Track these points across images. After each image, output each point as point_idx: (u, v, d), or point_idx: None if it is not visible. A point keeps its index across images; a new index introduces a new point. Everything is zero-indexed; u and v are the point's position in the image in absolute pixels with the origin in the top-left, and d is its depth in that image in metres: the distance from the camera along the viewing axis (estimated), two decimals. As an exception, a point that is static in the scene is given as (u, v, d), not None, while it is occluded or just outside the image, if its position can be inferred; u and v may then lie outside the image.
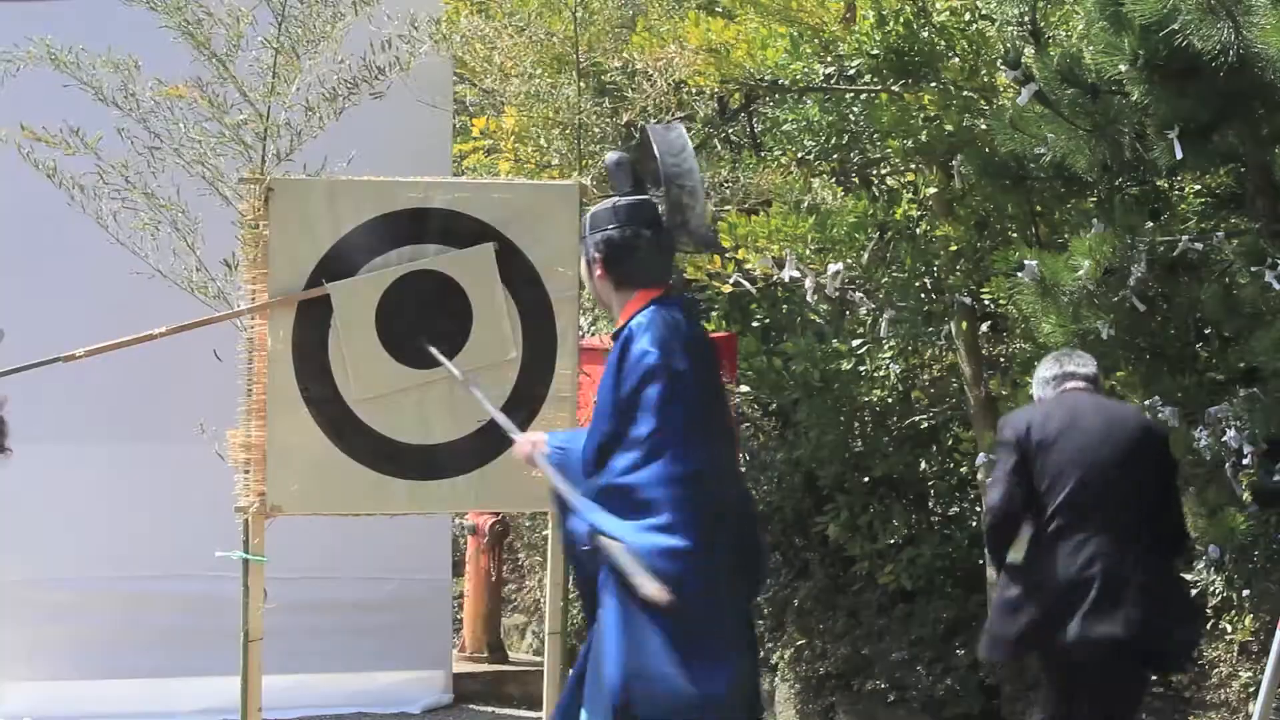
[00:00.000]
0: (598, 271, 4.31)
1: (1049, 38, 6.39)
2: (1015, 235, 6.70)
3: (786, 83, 7.05)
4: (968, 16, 6.74)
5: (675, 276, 7.43)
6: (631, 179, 4.30)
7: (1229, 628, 6.64)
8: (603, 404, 4.21)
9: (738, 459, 4.30)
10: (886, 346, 7.53)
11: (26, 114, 5.72)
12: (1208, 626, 6.67)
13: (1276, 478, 5.39)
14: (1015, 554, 5.36)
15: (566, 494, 4.20)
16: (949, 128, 6.67)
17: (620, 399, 4.12)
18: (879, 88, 6.89)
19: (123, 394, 7.03)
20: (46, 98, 5.63)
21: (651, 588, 3.85)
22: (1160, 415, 6.00)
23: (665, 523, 3.96)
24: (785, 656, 7.93)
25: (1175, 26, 5.22)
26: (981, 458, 7.02)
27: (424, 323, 5.33)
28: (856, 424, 7.89)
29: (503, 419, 4.84)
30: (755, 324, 8.06)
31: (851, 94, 7.08)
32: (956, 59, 6.69)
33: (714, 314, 7.97)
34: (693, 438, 4.02)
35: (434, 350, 5.25)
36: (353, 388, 5.33)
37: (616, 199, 4.31)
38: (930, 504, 8.12)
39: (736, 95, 7.84)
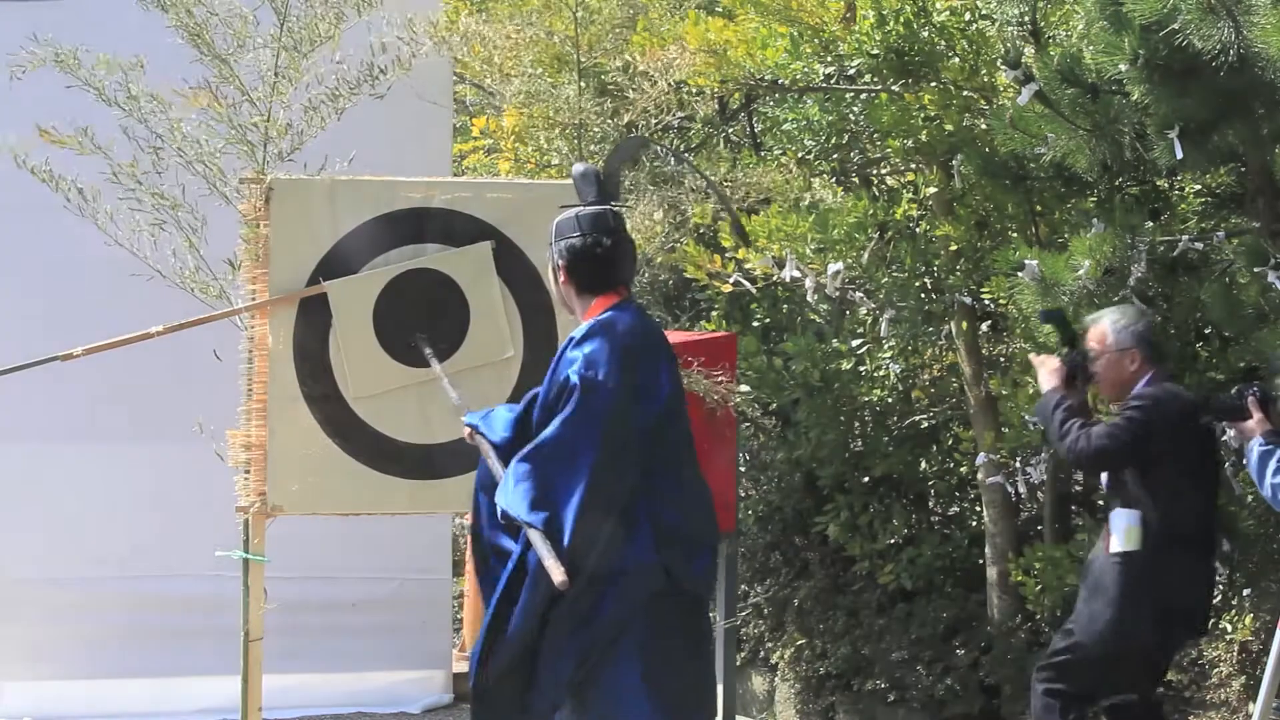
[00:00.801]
0: (561, 277, 4.53)
1: (1049, 37, 6.40)
2: (1015, 235, 6.68)
3: (786, 82, 7.03)
4: (968, 16, 6.72)
5: (676, 278, 7.50)
6: (596, 189, 4.51)
7: (1229, 628, 6.64)
8: (542, 395, 4.46)
9: (682, 465, 4.44)
10: (886, 346, 7.52)
11: (30, 116, 5.71)
12: (1208, 626, 6.68)
13: (1234, 391, 5.39)
14: (1130, 543, 5.40)
15: (499, 474, 4.40)
16: (949, 127, 6.66)
17: (548, 400, 4.38)
18: (879, 87, 6.88)
19: (123, 394, 7.02)
20: (50, 99, 5.63)
21: (556, 572, 4.04)
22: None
23: (529, 496, 4.21)
24: (785, 656, 7.91)
25: (1175, 26, 5.21)
26: (982, 457, 7.03)
27: (421, 321, 5.33)
28: (856, 424, 7.87)
29: (454, 396, 5.00)
30: (755, 324, 8.04)
31: (851, 94, 7.07)
32: (956, 59, 6.68)
33: (714, 314, 7.96)
34: (588, 445, 4.23)
35: (420, 343, 5.28)
36: (350, 386, 5.33)
37: (580, 208, 4.51)
38: (930, 504, 8.11)
39: (736, 95, 7.83)
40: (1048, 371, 5.63)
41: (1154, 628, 5.42)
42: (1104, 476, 5.64)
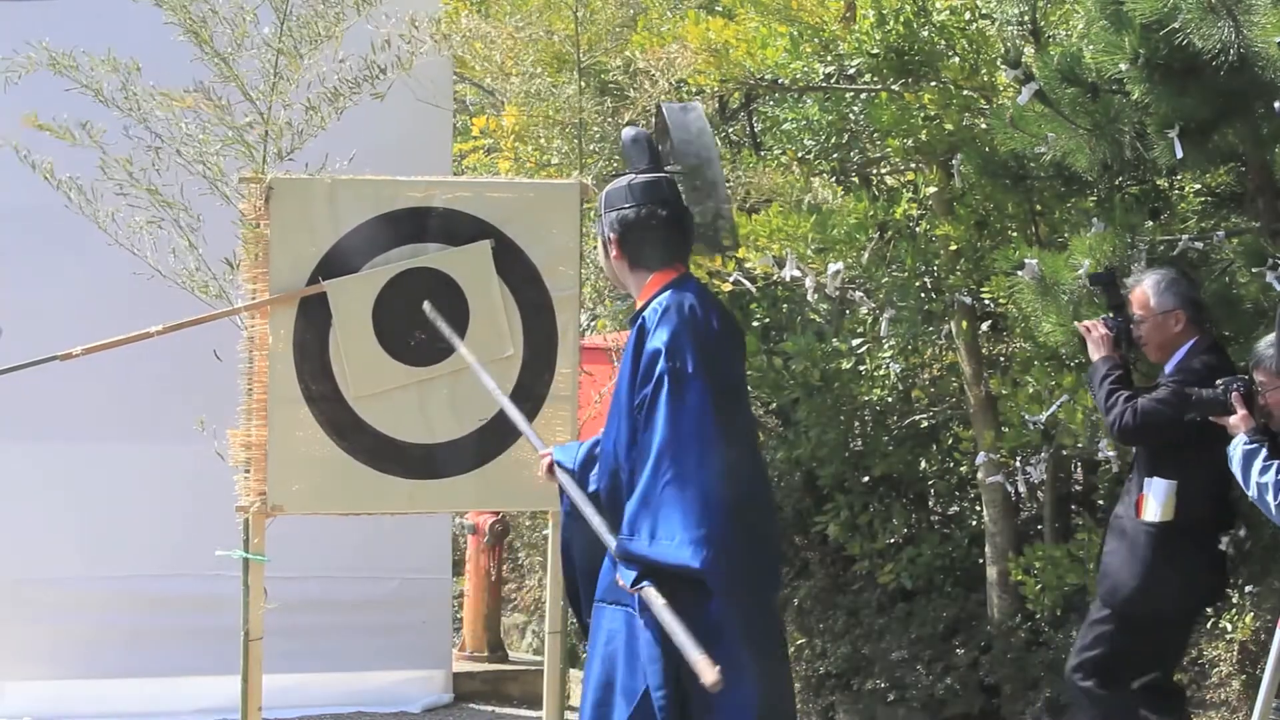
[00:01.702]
0: (613, 252, 4.20)
1: (1049, 36, 6.41)
2: (1015, 234, 6.67)
3: (786, 82, 7.02)
4: (968, 15, 6.70)
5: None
6: (648, 155, 4.19)
7: (1229, 627, 6.62)
8: (619, 398, 4.16)
9: (755, 450, 4.22)
10: (886, 345, 7.50)
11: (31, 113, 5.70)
12: (1208, 625, 6.68)
13: (1218, 386, 5.21)
14: (1165, 513, 5.35)
15: (602, 534, 4.06)
16: (949, 127, 6.64)
17: (634, 400, 4.06)
18: (879, 87, 6.86)
19: (123, 393, 7.01)
20: (50, 98, 5.63)
21: (708, 673, 3.59)
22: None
23: (685, 536, 3.89)
24: (785, 655, 7.91)
25: (1176, 25, 5.20)
26: (981, 456, 7.01)
27: (421, 320, 5.32)
28: (856, 423, 7.85)
29: (528, 430, 4.69)
30: (755, 323, 8.02)
31: (851, 93, 7.06)
32: (956, 58, 6.66)
33: None
34: (702, 441, 3.94)
35: (433, 317, 5.24)
36: (350, 385, 5.33)
37: (632, 176, 4.19)
38: (930, 503, 8.09)
39: (736, 94, 7.82)
40: (1096, 338, 5.52)
41: (1177, 596, 5.44)
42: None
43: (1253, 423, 5.17)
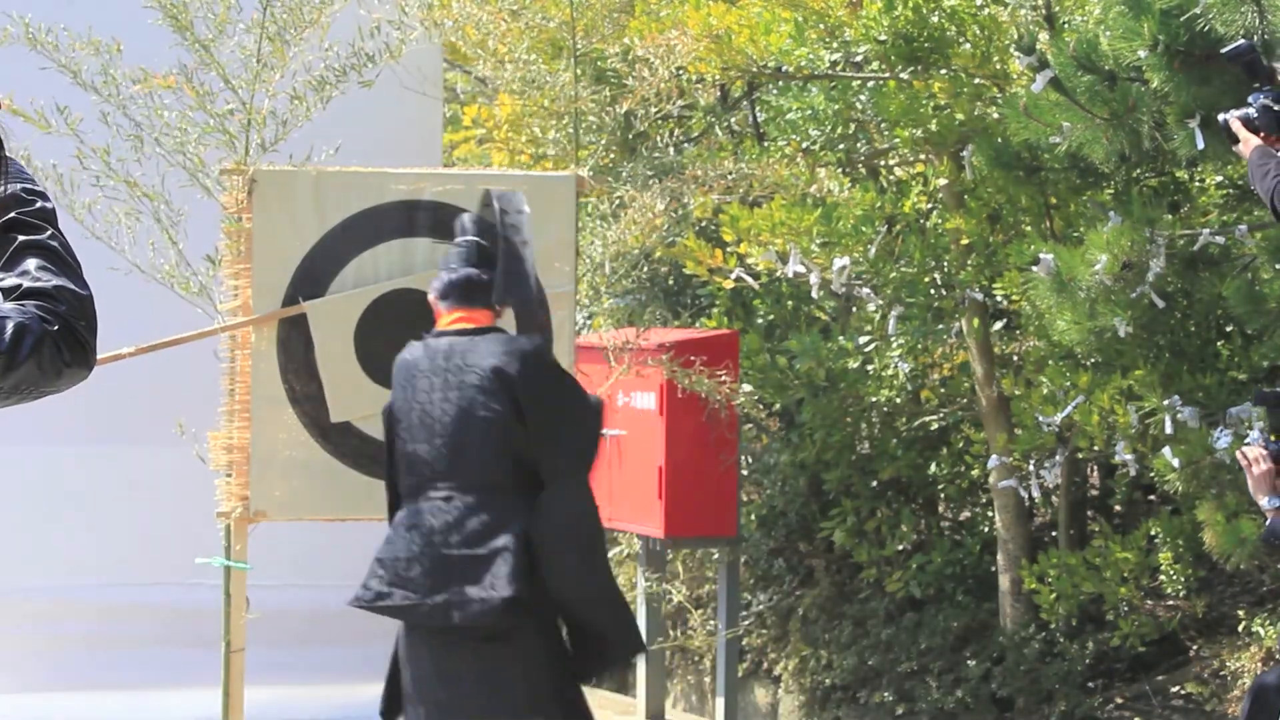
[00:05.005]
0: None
1: (1064, 22, 6.39)
2: (1029, 228, 6.63)
3: (791, 70, 6.98)
4: (979, 0, 6.64)
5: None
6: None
7: (1260, 631, 6.55)
8: None
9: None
10: (894, 344, 7.47)
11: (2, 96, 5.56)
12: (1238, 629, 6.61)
13: None
14: None
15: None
16: (960, 116, 6.57)
17: None
18: (887, 75, 6.80)
19: (98, 394, 6.82)
20: (23, 82, 5.49)
21: None
22: (1180, 416, 5.92)
23: None
24: (789, 667, 7.86)
25: (1197, 10, 5.15)
26: (994, 460, 6.96)
27: (404, 342, 5.17)
28: (863, 425, 7.81)
29: None
30: (758, 321, 8.00)
31: (858, 81, 7.01)
32: (968, 45, 6.60)
33: (715, 311, 7.93)
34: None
35: None
36: (330, 410, 5.25)
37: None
38: (940, 508, 8.07)
39: (739, 83, 7.78)
40: (1259, 476, 4.46)
41: None
42: None
43: None
